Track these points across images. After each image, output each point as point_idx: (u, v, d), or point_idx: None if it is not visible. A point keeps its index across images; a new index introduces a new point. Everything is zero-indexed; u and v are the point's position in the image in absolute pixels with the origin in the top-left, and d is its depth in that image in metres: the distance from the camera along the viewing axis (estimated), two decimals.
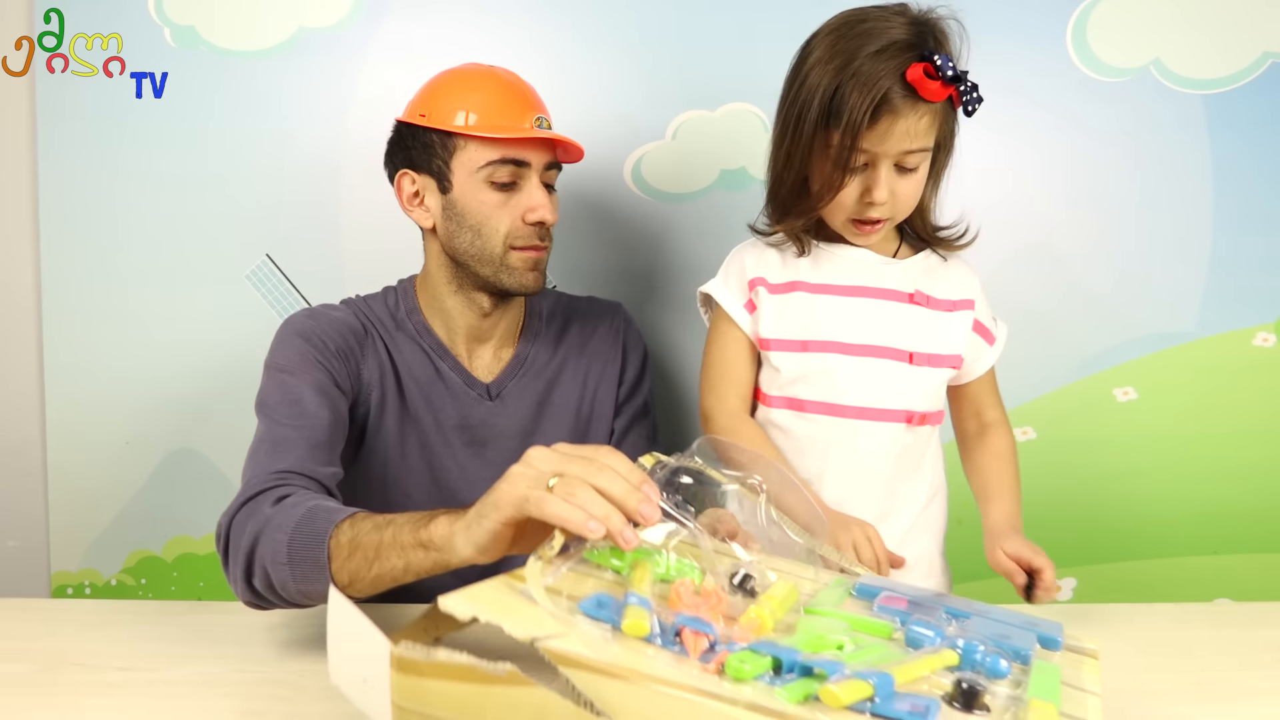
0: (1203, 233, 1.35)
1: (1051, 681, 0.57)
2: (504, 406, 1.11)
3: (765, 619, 0.59)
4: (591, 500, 0.61)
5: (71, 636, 0.89)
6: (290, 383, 0.97)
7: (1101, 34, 1.33)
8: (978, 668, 0.57)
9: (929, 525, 1.02)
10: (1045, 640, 0.64)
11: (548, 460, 0.65)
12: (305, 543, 0.77)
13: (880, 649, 0.58)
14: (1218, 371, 1.36)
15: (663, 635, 0.55)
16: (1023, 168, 1.36)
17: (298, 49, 1.37)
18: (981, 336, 1.03)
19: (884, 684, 0.50)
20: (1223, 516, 1.37)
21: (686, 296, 1.11)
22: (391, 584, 0.75)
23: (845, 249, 1.01)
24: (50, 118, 1.38)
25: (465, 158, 1.03)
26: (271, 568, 0.79)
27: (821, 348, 0.98)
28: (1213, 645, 0.85)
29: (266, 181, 1.39)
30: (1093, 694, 0.58)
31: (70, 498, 1.44)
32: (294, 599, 0.82)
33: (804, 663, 0.52)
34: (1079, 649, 0.65)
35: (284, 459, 0.89)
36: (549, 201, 1.05)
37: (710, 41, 1.35)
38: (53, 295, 1.41)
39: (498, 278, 1.05)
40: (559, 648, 0.51)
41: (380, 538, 0.74)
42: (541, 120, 1.04)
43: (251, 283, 1.40)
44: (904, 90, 0.87)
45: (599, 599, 0.58)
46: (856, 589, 0.71)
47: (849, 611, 0.66)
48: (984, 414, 1.06)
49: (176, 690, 0.78)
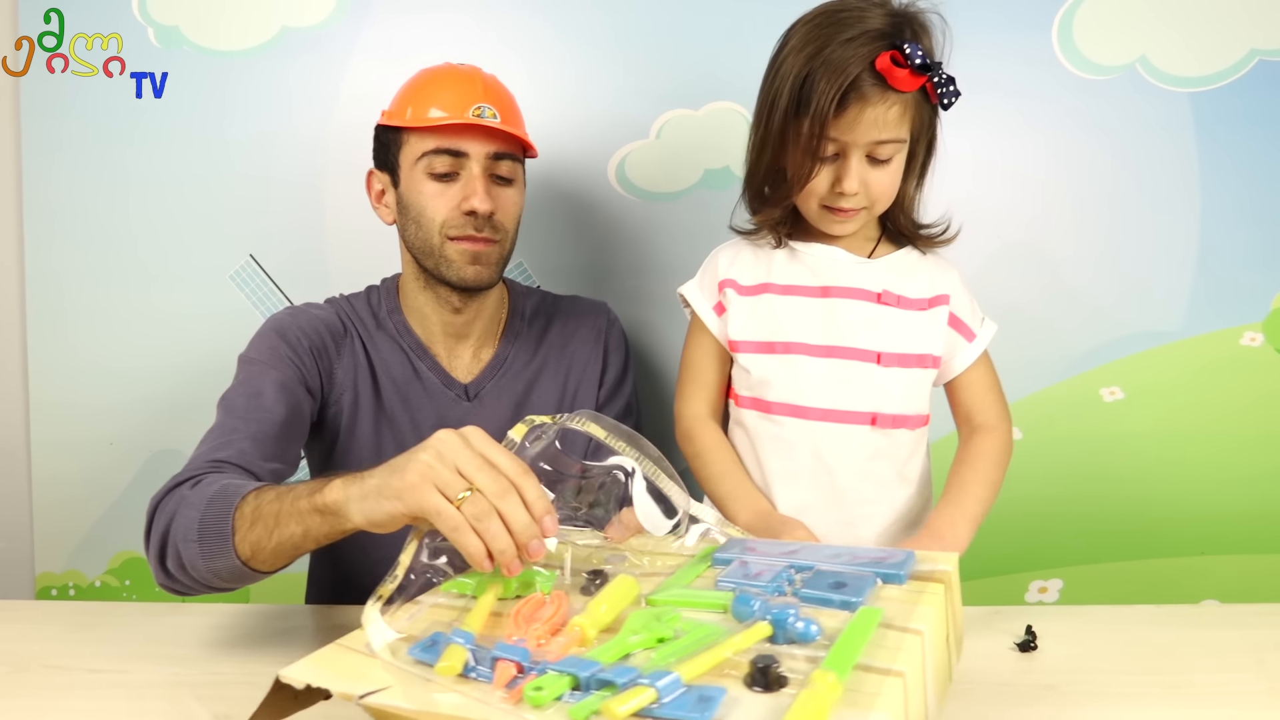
0: (1190, 231, 1.34)
1: (860, 634, 0.56)
2: (481, 407, 1.10)
3: (587, 628, 0.60)
4: (494, 533, 0.63)
5: (48, 638, 0.89)
6: (254, 376, 0.98)
7: (1087, 31, 1.32)
8: (789, 635, 0.57)
9: (904, 535, 0.99)
10: (887, 576, 0.64)
11: (459, 457, 0.65)
12: (214, 517, 0.78)
13: (703, 631, 0.58)
14: (1205, 371, 1.35)
15: (478, 668, 0.56)
16: (1008, 166, 1.35)
17: (282, 48, 1.37)
18: (960, 333, 1.01)
19: (669, 685, 0.51)
20: (1211, 517, 1.36)
21: (670, 296, 1.11)
22: (294, 551, 0.76)
23: (819, 248, 1.00)
24: (36, 118, 1.38)
25: (408, 150, 1.03)
26: (182, 545, 0.80)
27: (786, 349, 0.98)
28: (1193, 648, 0.84)
29: (250, 182, 1.38)
30: (913, 632, 0.56)
31: (55, 499, 1.44)
32: (204, 579, 0.82)
33: (600, 677, 0.53)
34: (930, 575, 0.64)
35: (225, 449, 0.90)
36: (483, 190, 1.02)
37: (694, 40, 1.35)
38: (37, 296, 1.41)
39: (439, 270, 1.05)
40: (376, 703, 0.54)
41: (280, 506, 0.75)
42: (484, 110, 1.01)
43: (235, 283, 1.40)
44: (873, 79, 0.86)
45: (433, 638, 0.60)
46: (715, 557, 0.72)
47: (696, 588, 0.67)
48: (973, 417, 1.03)
49: (143, 692, 0.77)
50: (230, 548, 0.77)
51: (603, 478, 0.78)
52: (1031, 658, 0.83)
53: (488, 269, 1.05)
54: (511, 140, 1.04)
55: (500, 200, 1.04)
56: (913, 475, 1.00)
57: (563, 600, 0.65)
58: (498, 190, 1.04)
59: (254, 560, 0.78)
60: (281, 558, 0.77)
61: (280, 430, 0.95)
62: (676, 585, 0.68)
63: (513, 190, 1.07)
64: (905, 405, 0.98)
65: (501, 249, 1.06)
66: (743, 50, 1.33)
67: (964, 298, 1.02)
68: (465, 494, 0.64)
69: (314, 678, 0.56)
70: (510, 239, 1.08)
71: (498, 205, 1.03)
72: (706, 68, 1.35)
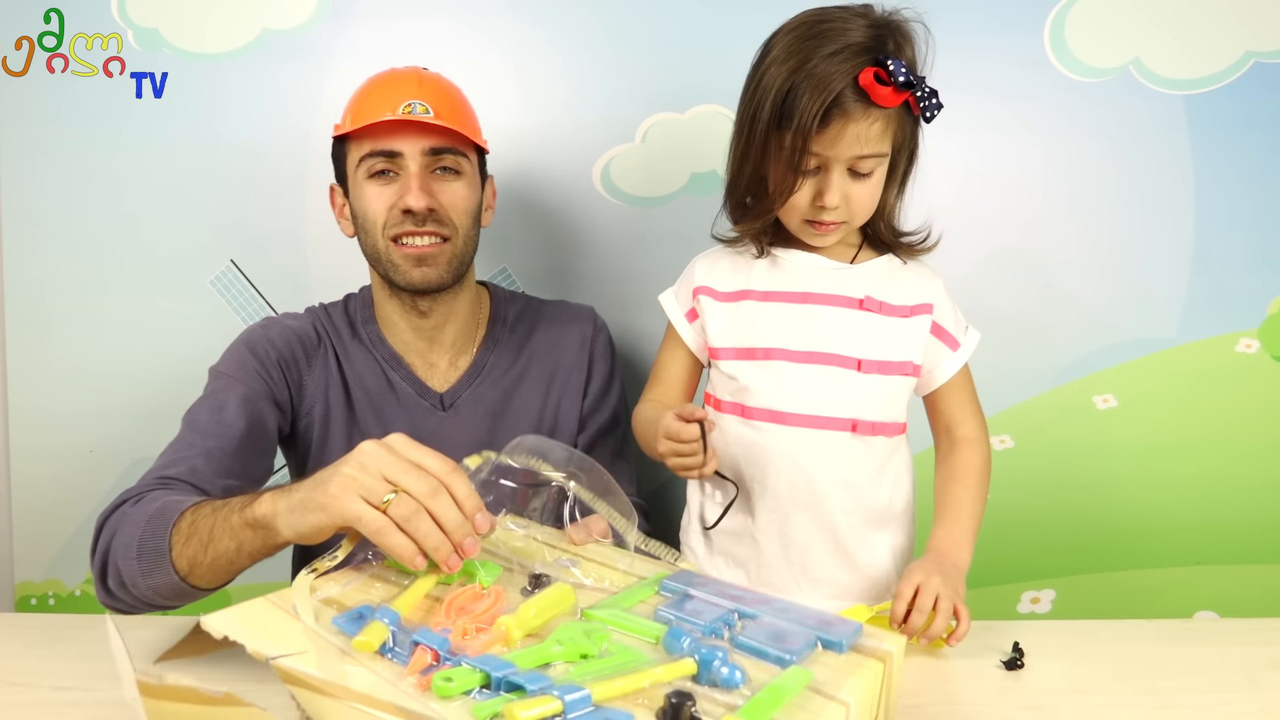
0: (1184, 236, 1.32)
1: (785, 692, 0.55)
2: (457, 417, 1.08)
3: (512, 629, 0.60)
4: (425, 532, 0.63)
5: (16, 653, 0.87)
6: (219, 390, 0.97)
7: (1080, 33, 1.30)
8: (713, 677, 0.56)
9: (886, 545, 0.98)
10: (828, 643, 0.63)
11: (383, 464, 0.65)
12: (152, 534, 0.78)
13: (627, 656, 0.59)
14: (1200, 378, 1.33)
15: (396, 649, 0.57)
16: (999, 170, 1.33)
17: (263, 51, 1.35)
18: (943, 342, 0.99)
19: (577, 701, 0.51)
20: (1205, 527, 1.34)
21: (656, 301, 1.10)
22: (230, 568, 0.76)
23: (799, 255, 0.99)
24: (11, 123, 1.36)
25: (350, 158, 1.02)
26: (123, 563, 0.79)
27: (766, 355, 0.97)
28: (1185, 664, 0.83)
29: (231, 186, 1.37)
30: (839, 702, 0.55)
31: (34, 507, 1.42)
32: (145, 596, 0.81)
33: (511, 679, 0.53)
34: (872, 651, 0.64)
35: (176, 465, 0.89)
36: (417, 186, 0.98)
37: (679, 43, 1.33)
38: (14, 302, 1.39)
39: (389, 275, 1.03)
40: (286, 666, 0.54)
41: (214, 521, 0.74)
42: (414, 106, 0.98)
43: (216, 289, 1.38)
44: (856, 95, 0.85)
45: (360, 611, 0.61)
46: (662, 586, 0.71)
47: (635, 612, 0.67)
48: (955, 429, 1.01)
49: (103, 712, 0.75)
50: (168, 564, 0.77)
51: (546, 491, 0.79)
52: (1018, 676, 0.81)
53: (436, 269, 1.02)
54: (450, 135, 1.00)
55: (444, 194, 1.01)
56: (890, 485, 0.98)
57: (499, 596, 0.65)
58: (440, 184, 1.01)
59: (192, 576, 0.77)
60: (219, 573, 0.77)
61: (239, 445, 0.93)
62: (616, 606, 0.68)
63: (459, 184, 1.03)
64: (886, 413, 0.97)
65: (453, 246, 1.02)
66: (728, 53, 1.29)
67: (947, 307, 1.00)
68: (390, 497, 0.64)
69: (234, 631, 0.58)
70: (463, 235, 1.03)
71: (441, 199, 1.00)
72: (692, 71, 1.33)
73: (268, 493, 0.72)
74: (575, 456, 0.77)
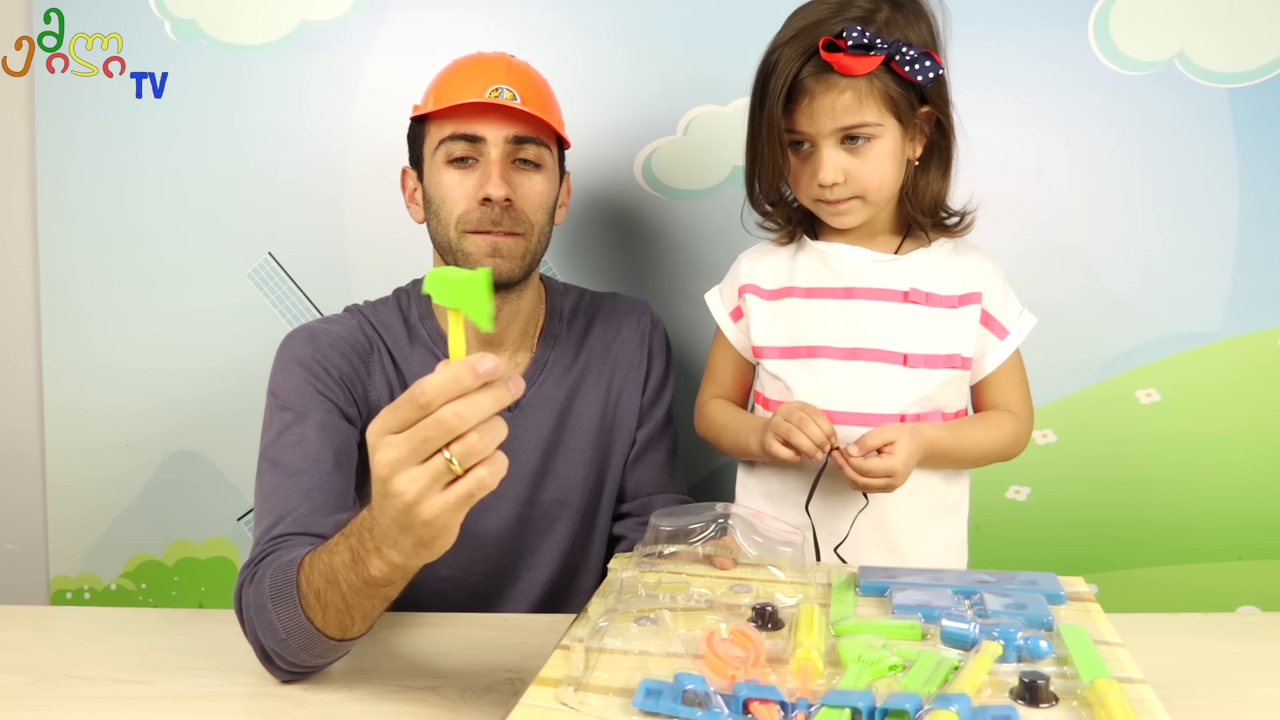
0: (1228, 230, 1.31)
1: (1088, 648, 0.59)
2: (523, 418, 1.03)
3: (815, 661, 0.60)
4: (484, 449, 0.55)
5: (68, 647, 0.87)
6: (291, 424, 0.91)
7: (1124, 27, 1.30)
8: (1022, 653, 0.59)
9: (939, 539, 0.98)
10: (1050, 596, 0.68)
11: (402, 462, 0.56)
12: (289, 618, 0.73)
13: (930, 658, 0.60)
14: (1243, 373, 1.32)
15: (730, 710, 0.55)
16: (1041, 163, 1.32)
17: (301, 43, 1.35)
18: (991, 331, 0.98)
19: (964, 707, 0.52)
20: (1248, 522, 1.34)
21: (698, 295, 1.09)
22: (380, 610, 0.72)
23: (842, 247, 0.98)
24: (49, 117, 1.36)
25: (429, 140, 1.00)
26: (282, 649, 0.75)
27: (811, 353, 0.96)
28: (1248, 659, 0.82)
29: (269, 178, 1.36)
30: (1117, 644, 0.61)
31: (69, 501, 1.41)
32: (314, 665, 0.78)
33: (883, 708, 0.53)
34: (1076, 595, 0.69)
35: (284, 520, 0.84)
36: (498, 175, 0.95)
37: (722, 35, 1.32)
38: (52, 296, 1.39)
39: (459, 265, 0.97)
40: None
41: (339, 593, 0.69)
42: (501, 90, 0.95)
43: (254, 281, 1.38)
44: (816, 68, 0.87)
45: (646, 688, 0.58)
46: (861, 587, 0.73)
47: (872, 619, 0.68)
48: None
49: (174, 705, 0.75)
50: (323, 638, 0.73)
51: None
52: None
53: (508, 263, 0.98)
54: (535, 123, 0.97)
55: (522, 188, 0.97)
56: (941, 476, 0.97)
57: (744, 631, 0.64)
58: (520, 176, 0.98)
59: (349, 632, 0.73)
60: (371, 619, 0.73)
61: (332, 477, 0.88)
62: (844, 615, 0.69)
63: (539, 177, 0.99)
64: (934, 405, 0.96)
65: (526, 242, 0.99)
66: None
67: (998, 292, 0.98)
68: (450, 459, 0.56)
69: None
70: (537, 231, 1.00)
71: (519, 193, 0.97)
72: (734, 63, 1.30)
73: (375, 557, 0.65)
74: (702, 505, 0.82)
